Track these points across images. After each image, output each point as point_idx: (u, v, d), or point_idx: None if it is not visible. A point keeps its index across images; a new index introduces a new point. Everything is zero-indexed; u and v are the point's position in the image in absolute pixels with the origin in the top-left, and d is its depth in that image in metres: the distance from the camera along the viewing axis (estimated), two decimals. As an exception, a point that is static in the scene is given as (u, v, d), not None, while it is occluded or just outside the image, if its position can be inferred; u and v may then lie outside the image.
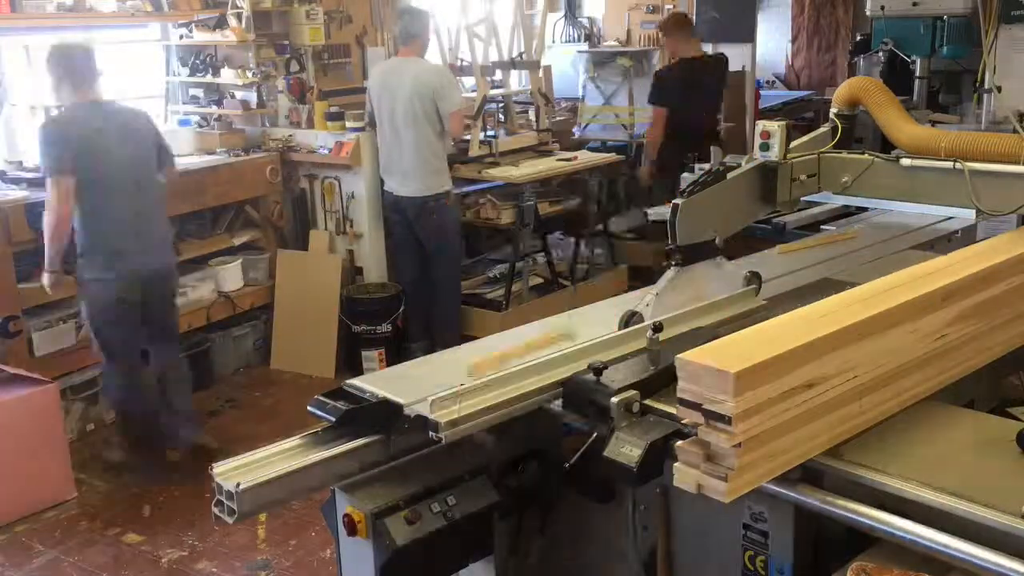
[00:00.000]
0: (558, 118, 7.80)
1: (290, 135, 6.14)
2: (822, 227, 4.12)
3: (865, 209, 4.05)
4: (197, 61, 6.22)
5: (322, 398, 2.35)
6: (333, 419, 2.28)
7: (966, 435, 2.06)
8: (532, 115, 6.72)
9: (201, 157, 5.76)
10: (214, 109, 6.21)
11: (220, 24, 5.91)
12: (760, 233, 3.99)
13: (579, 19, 9.43)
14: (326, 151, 5.93)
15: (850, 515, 1.83)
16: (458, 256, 5.90)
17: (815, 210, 4.25)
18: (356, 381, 2.43)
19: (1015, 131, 3.10)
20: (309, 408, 2.36)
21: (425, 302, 5.69)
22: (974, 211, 3.55)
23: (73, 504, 4.33)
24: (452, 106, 5.34)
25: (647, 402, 2.17)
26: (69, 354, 4.85)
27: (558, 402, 2.28)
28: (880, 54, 5.83)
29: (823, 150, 3.16)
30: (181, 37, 6.13)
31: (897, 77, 5.60)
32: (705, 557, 2.17)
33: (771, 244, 3.72)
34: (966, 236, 3.68)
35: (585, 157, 6.40)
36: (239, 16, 5.82)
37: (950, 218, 3.69)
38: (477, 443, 2.35)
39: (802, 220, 4.20)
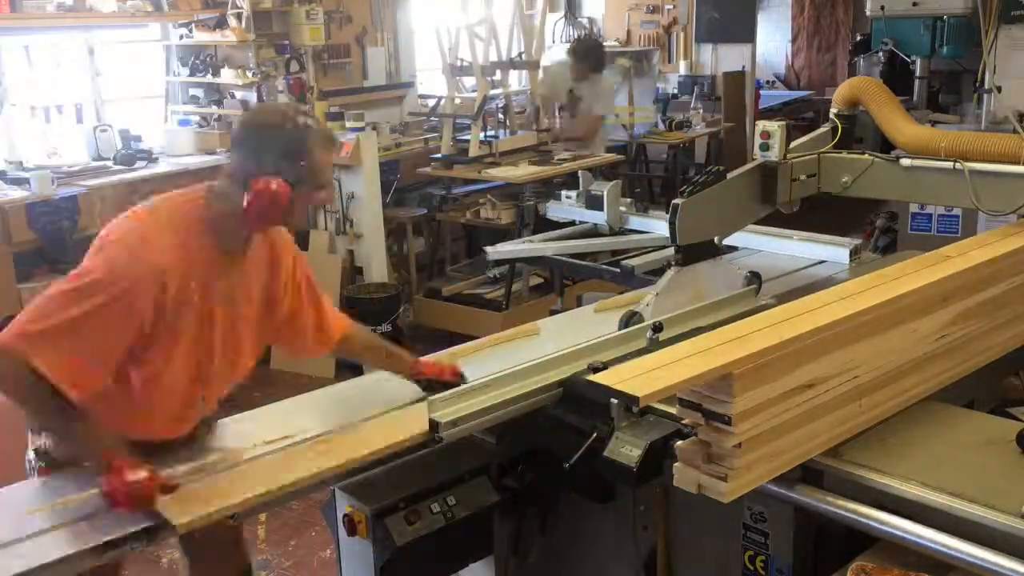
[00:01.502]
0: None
1: (290, 135, 6.12)
2: None
3: (734, 248, 3.57)
4: (197, 61, 6.22)
5: None
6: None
7: (966, 435, 2.06)
8: (532, 115, 6.71)
9: (201, 157, 5.76)
10: (214, 109, 6.21)
11: (220, 24, 5.91)
12: (608, 277, 3.51)
13: (579, 19, 9.42)
14: (326, 151, 5.91)
15: (850, 515, 1.83)
16: None
17: (670, 251, 3.10)
18: None
19: (1015, 131, 3.10)
20: None
21: None
22: (847, 255, 3.38)
23: (73, 504, 4.32)
24: None
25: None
26: (69, 354, 4.84)
27: (558, 402, 2.28)
28: (880, 54, 5.82)
29: (823, 150, 3.16)
30: (181, 37, 6.13)
31: (897, 77, 5.59)
32: (705, 557, 2.17)
33: (619, 289, 3.30)
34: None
35: (585, 157, 6.39)
36: (239, 16, 5.82)
37: (822, 262, 3.43)
38: (477, 443, 2.36)
39: (654, 263, 3.40)
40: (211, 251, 2.10)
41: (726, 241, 3.27)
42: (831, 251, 3.48)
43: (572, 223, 4.14)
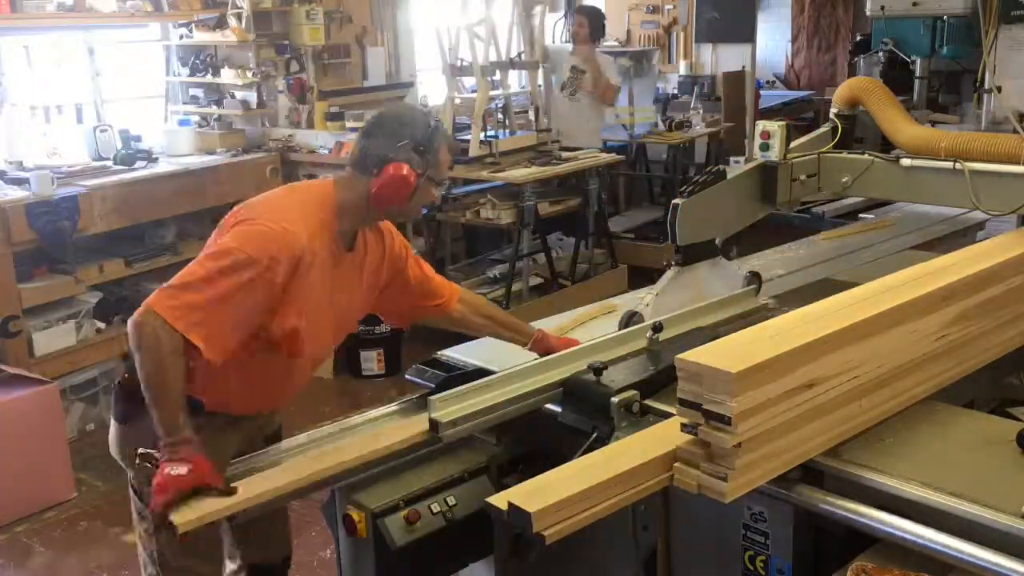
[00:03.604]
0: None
1: (290, 135, 6.13)
2: (860, 216, 4.19)
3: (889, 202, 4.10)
4: (197, 61, 6.21)
5: (421, 366, 2.60)
6: (432, 385, 2.42)
7: (966, 435, 2.06)
8: (531, 115, 6.72)
9: (201, 157, 5.76)
10: (214, 109, 6.21)
11: (220, 24, 5.91)
12: (798, 222, 4.03)
13: (579, 19, 9.41)
14: (326, 151, 5.92)
15: (850, 515, 1.83)
16: None
17: (852, 200, 4.29)
18: (450, 352, 2.65)
19: (1015, 131, 3.10)
20: (407, 376, 2.57)
21: None
22: None
23: (73, 504, 4.32)
24: None
25: (647, 402, 2.17)
26: (69, 354, 4.84)
27: (558, 402, 2.28)
28: (880, 54, 5.82)
29: (823, 150, 3.16)
30: (181, 37, 6.13)
31: (897, 77, 5.59)
32: (705, 557, 2.17)
33: (808, 232, 3.73)
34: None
35: (585, 157, 6.39)
36: (239, 16, 5.82)
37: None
38: (477, 443, 2.36)
39: (840, 209, 4.31)
40: (335, 239, 2.28)
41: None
42: None
43: None
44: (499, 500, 1.80)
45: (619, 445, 1.99)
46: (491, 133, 6.21)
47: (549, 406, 2.29)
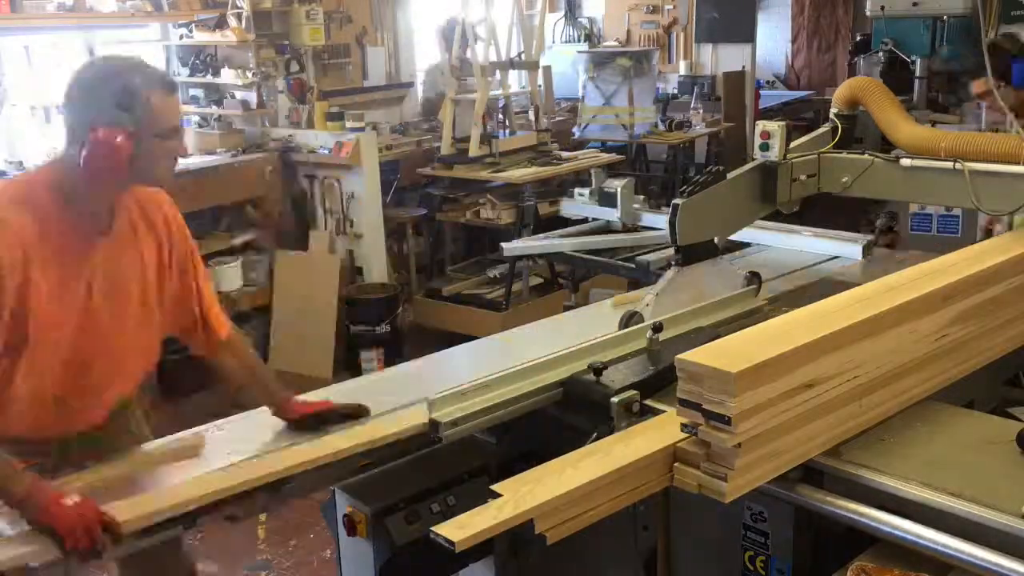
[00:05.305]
0: (558, 118, 7.79)
1: (290, 135, 6.13)
2: None
3: (746, 244, 3.61)
4: (197, 61, 6.22)
5: None
6: None
7: (966, 435, 2.06)
8: (531, 115, 6.72)
9: (201, 157, 5.76)
10: (214, 109, 6.21)
11: (220, 24, 5.91)
12: (623, 273, 3.56)
13: (579, 19, 9.43)
14: (326, 151, 5.92)
15: (850, 515, 1.83)
16: None
17: None
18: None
19: (1017, 132, 3.10)
20: None
21: None
22: (860, 249, 3.36)
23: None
24: None
25: (647, 402, 2.17)
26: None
27: (558, 402, 2.28)
28: (880, 54, 5.83)
29: (823, 150, 3.16)
30: (181, 37, 6.13)
31: (897, 77, 5.60)
32: (705, 557, 2.18)
33: (637, 284, 3.25)
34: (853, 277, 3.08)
35: (585, 157, 6.39)
36: (239, 16, 5.82)
37: (835, 257, 3.40)
38: (477, 443, 2.35)
39: (669, 259, 3.37)
40: (71, 225, 1.98)
41: (736, 236, 3.26)
42: (843, 247, 3.44)
43: (585, 220, 4.14)
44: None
45: (619, 445, 1.99)
46: (491, 133, 6.22)
47: (549, 406, 2.29)
